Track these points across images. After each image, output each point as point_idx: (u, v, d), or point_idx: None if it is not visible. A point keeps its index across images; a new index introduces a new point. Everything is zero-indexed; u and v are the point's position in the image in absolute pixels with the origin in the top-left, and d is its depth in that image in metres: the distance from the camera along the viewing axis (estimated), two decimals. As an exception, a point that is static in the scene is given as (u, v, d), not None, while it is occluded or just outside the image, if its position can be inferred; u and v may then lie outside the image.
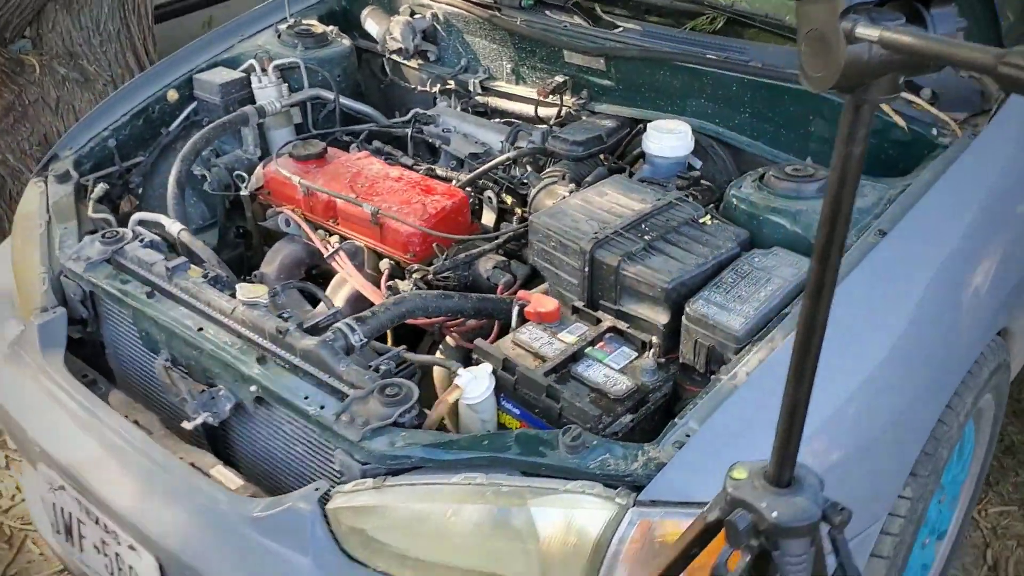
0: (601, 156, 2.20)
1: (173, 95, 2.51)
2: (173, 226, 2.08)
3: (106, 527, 1.75)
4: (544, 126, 2.30)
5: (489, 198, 2.18)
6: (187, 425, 1.71)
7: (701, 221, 1.82)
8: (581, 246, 1.75)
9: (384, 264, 2.05)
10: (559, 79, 2.33)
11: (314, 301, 2.08)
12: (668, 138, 2.06)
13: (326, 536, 1.52)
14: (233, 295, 1.81)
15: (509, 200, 2.18)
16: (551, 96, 2.31)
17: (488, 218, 2.20)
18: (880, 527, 1.67)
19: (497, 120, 2.45)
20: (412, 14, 2.64)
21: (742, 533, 0.99)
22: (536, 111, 2.36)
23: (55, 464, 1.81)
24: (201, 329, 1.78)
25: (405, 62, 2.66)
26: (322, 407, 1.58)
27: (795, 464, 1.01)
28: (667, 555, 1.12)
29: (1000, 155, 1.89)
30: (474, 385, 1.58)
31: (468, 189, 2.18)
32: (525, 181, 2.18)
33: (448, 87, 2.57)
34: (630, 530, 1.37)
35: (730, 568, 1.02)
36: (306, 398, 1.61)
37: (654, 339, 1.65)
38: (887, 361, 1.56)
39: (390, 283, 1.98)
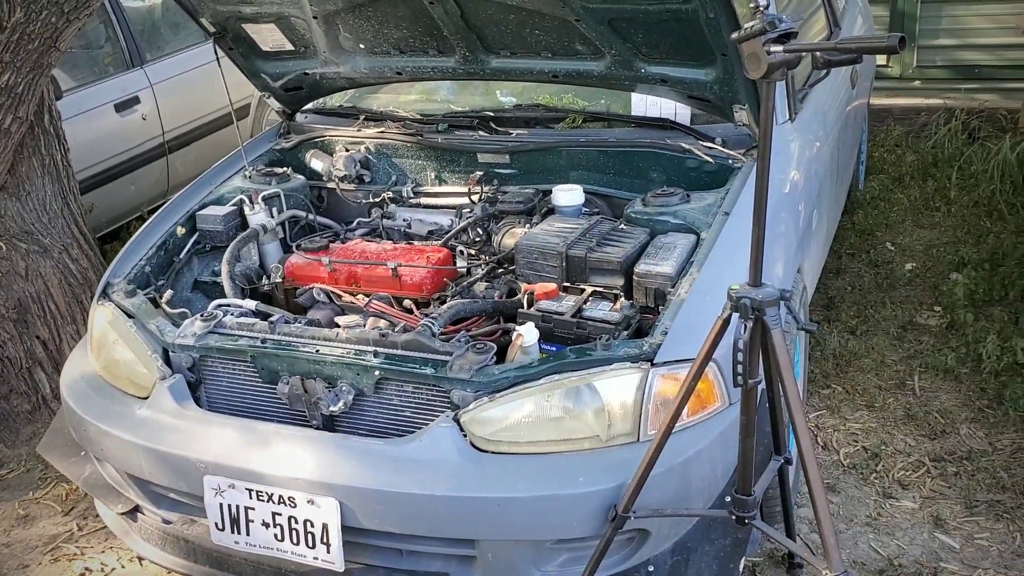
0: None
1: (181, 230, 3.25)
2: (249, 303, 2.83)
3: (281, 498, 2.43)
4: (479, 204, 3.28)
5: (461, 251, 3.11)
6: (334, 410, 2.46)
7: (621, 227, 2.88)
8: (559, 250, 2.74)
9: (407, 302, 2.92)
10: (479, 173, 3.34)
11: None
12: (570, 194, 3.12)
13: (463, 440, 2.35)
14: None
15: (472, 251, 3.13)
16: (476, 185, 3.32)
17: (460, 264, 3.12)
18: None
19: (436, 209, 3.42)
20: (347, 150, 3.57)
21: (748, 309, 2.00)
22: (469, 196, 3.34)
23: (224, 470, 2.48)
24: (318, 350, 2.55)
25: (346, 186, 3.56)
26: (434, 369, 2.42)
27: (761, 274, 2.04)
28: (703, 349, 2.09)
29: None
30: (530, 333, 2.50)
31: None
32: (478, 239, 3.15)
33: (385, 198, 3.50)
34: (654, 383, 2.33)
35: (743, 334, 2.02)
36: (421, 367, 2.44)
37: (620, 294, 2.65)
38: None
39: (421, 310, 2.86)
